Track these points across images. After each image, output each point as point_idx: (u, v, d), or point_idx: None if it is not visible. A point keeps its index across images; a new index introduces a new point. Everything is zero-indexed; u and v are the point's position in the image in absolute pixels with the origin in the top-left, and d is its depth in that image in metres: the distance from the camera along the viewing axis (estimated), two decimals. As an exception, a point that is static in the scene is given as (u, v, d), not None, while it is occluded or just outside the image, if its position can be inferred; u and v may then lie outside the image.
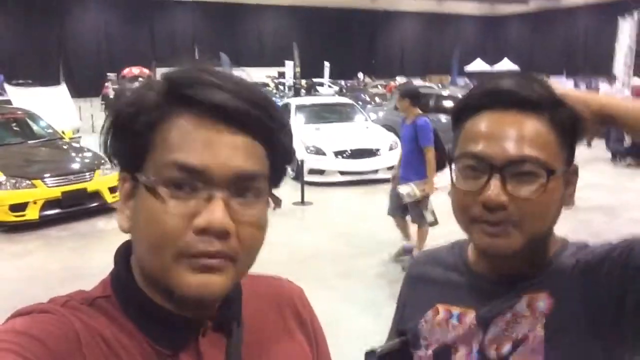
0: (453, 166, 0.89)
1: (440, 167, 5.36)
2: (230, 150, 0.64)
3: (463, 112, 0.91)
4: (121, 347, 0.65)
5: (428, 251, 1.13)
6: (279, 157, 0.70)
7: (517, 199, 0.83)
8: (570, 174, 0.90)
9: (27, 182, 6.99)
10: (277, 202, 0.71)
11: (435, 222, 5.37)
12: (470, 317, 0.95)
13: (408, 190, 5.35)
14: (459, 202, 0.88)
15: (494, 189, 0.82)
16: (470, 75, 35.33)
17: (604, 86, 14.69)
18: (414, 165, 5.33)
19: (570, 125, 0.87)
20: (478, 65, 37.39)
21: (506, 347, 0.90)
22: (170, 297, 0.66)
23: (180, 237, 0.62)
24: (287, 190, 8.92)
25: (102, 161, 7.87)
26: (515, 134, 0.84)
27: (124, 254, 0.72)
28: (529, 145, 0.83)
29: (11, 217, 6.84)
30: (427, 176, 5.26)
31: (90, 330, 0.64)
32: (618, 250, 0.84)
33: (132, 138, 0.66)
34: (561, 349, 0.86)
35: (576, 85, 23.23)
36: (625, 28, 15.33)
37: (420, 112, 5.45)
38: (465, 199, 0.86)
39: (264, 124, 0.66)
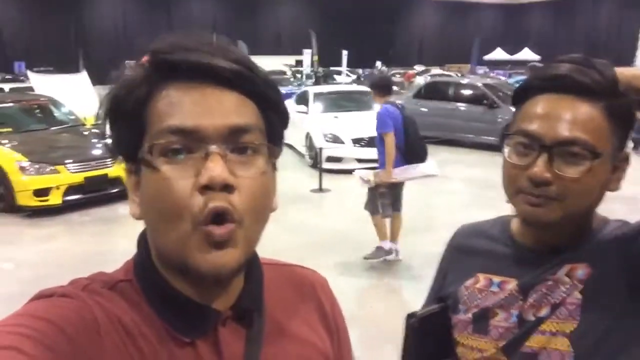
0: (506, 141, 0.95)
1: (413, 157, 5.20)
2: (220, 108, 0.64)
3: (524, 93, 0.96)
4: (140, 333, 0.65)
5: (471, 224, 1.19)
6: (271, 111, 0.70)
7: (562, 178, 0.88)
8: (620, 160, 0.94)
9: (51, 167, 7.12)
10: (276, 154, 0.70)
11: (387, 216, 5.28)
12: (512, 285, 1.01)
13: (362, 174, 5.29)
14: (507, 174, 0.95)
15: (541, 165, 0.88)
16: (490, 64, 34.96)
17: None
18: (382, 154, 5.20)
19: (625, 114, 0.91)
20: (498, 54, 36.98)
21: (544, 311, 0.96)
22: (186, 275, 0.66)
23: (190, 202, 0.62)
24: (305, 177, 8.99)
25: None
26: (568, 117, 0.89)
27: (145, 239, 0.71)
28: (579, 128, 0.88)
29: (35, 202, 6.99)
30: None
31: (109, 316, 0.64)
32: None
33: (128, 121, 0.66)
34: (596, 314, 0.92)
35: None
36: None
37: (387, 100, 5.29)
38: (514, 171, 0.93)
39: (248, 79, 0.66)
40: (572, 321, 0.93)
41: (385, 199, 5.26)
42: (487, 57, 36.50)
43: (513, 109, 1.02)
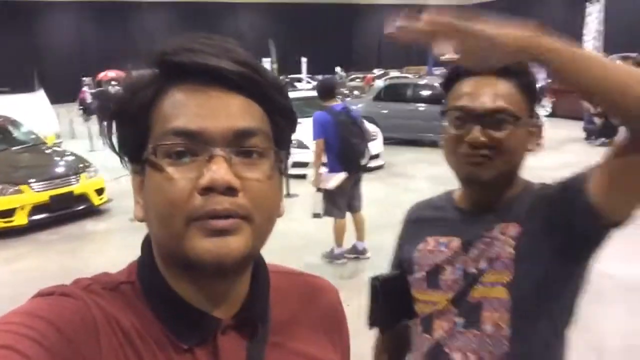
0: (444, 118, 1.15)
1: (346, 162, 5.28)
2: (225, 111, 0.63)
3: (452, 78, 1.17)
4: (138, 336, 0.64)
5: (422, 200, 1.39)
6: (278, 115, 0.69)
7: (493, 139, 1.08)
8: (533, 126, 1.15)
9: (14, 188, 7.05)
10: (283, 158, 0.70)
11: (317, 216, 5.50)
12: (456, 243, 1.18)
13: (308, 177, 5.51)
14: (449, 144, 1.14)
15: (476, 132, 1.08)
16: (447, 64, 35.66)
17: None
18: (327, 157, 5.41)
19: (532, 89, 1.14)
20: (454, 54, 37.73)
21: (483, 264, 1.12)
22: (189, 270, 0.65)
23: (187, 202, 0.61)
24: (272, 184, 9.05)
25: (87, 164, 7.98)
26: (492, 92, 1.10)
27: (149, 242, 0.70)
28: (501, 100, 1.09)
29: (5, 224, 6.89)
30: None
31: (108, 318, 0.63)
32: (567, 183, 1.07)
33: (133, 123, 0.66)
34: (528, 266, 1.09)
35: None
36: (593, 13, 15.73)
37: (328, 105, 5.47)
38: (454, 140, 1.12)
39: (256, 82, 0.65)
40: (508, 273, 1.09)
41: (326, 202, 5.46)
42: (444, 58, 37.20)
43: None
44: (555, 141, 12.17)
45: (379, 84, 16.30)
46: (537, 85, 1.20)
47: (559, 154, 10.37)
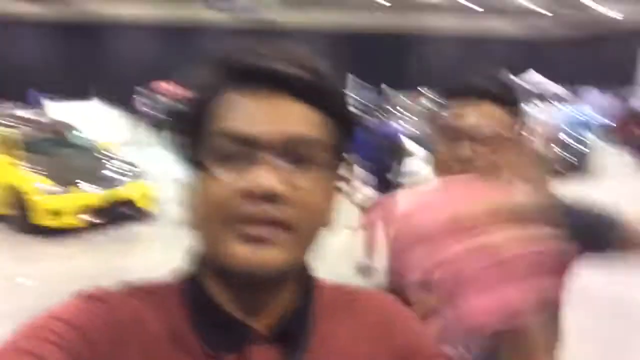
0: (435, 135, 1.26)
1: (373, 178, 5.46)
2: (280, 116, 0.62)
3: (442, 99, 1.28)
4: (168, 340, 0.64)
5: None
6: (338, 125, 0.66)
7: (482, 156, 1.18)
8: (520, 144, 1.24)
9: (67, 188, 7.33)
10: (339, 170, 0.68)
11: (348, 227, 5.46)
12: None
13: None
14: (440, 160, 1.25)
15: (468, 149, 1.18)
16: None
17: None
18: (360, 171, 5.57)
19: (518, 110, 1.26)
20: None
21: None
22: (224, 274, 0.64)
23: (229, 204, 0.60)
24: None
25: (136, 169, 8.25)
26: (478, 114, 1.21)
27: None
28: (493, 122, 1.20)
29: (51, 222, 7.14)
30: None
31: (137, 321, 0.63)
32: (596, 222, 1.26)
33: (190, 123, 0.65)
34: None
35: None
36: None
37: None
38: (445, 157, 1.23)
39: (319, 90, 0.63)
40: None
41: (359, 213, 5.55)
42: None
43: None
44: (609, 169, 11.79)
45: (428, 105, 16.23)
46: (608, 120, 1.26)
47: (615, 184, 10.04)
